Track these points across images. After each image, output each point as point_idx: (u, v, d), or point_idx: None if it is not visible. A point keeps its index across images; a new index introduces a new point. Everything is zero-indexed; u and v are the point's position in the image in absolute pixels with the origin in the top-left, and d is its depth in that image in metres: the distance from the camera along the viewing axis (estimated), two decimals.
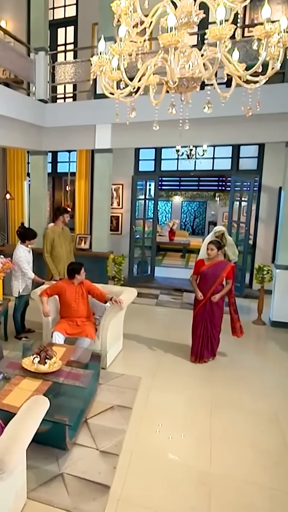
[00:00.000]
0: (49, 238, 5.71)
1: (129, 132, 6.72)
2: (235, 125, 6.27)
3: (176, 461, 3.16)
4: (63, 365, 3.72)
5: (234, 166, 8.17)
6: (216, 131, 6.42)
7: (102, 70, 2.41)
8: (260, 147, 7.87)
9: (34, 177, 7.32)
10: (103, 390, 4.15)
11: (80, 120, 6.73)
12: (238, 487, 2.91)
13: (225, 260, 4.98)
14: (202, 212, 15.24)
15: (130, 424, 3.59)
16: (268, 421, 3.76)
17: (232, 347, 5.42)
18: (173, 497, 2.79)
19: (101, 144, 6.78)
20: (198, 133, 6.47)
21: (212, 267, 4.75)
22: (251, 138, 6.40)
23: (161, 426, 3.61)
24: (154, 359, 4.99)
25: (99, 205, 7.01)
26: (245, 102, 2.86)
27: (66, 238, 5.95)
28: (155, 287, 8.29)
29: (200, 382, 4.47)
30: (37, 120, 6.71)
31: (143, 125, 6.79)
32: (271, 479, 2.99)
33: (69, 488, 2.82)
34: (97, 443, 3.30)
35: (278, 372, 4.80)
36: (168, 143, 6.78)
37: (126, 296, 4.72)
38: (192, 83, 2.24)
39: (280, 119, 6.00)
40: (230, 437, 3.49)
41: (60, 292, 4.73)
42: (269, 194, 7.89)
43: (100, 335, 4.56)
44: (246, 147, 8.10)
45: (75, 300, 4.67)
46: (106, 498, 2.74)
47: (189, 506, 2.72)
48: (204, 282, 4.79)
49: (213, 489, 2.87)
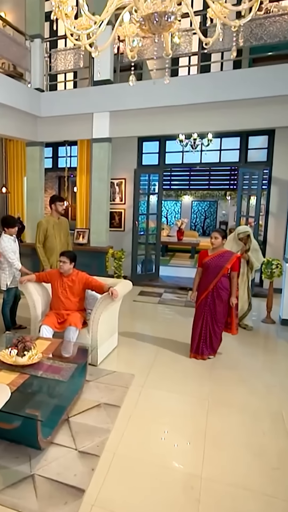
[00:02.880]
0: (42, 227, 5.44)
1: (128, 120, 6.51)
2: (242, 110, 5.99)
3: (163, 464, 2.81)
4: (45, 358, 3.44)
5: (242, 158, 7.82)
6: (221, 117, 6.14)
7: (62, 10, 2.11)
8: (269, 138, 7.51)
9: (30, 169, 7.12)
10: (91, 387, 3.83)
11: (77, 108, 6.52)
12: (230, 493, 2.55)
13: (229, 250, 4.61)
14: (213, 212, 14.83)
15: (116, 424, 3.26)
16: (272, 422, 3.38)
17: (236, 345, 5.06)
18: (155, 503, 2.45)
19: (99, 133, 6.54)
20: (203, 119, 6.20)
21: (215, 258, 4.40)
22: (259, 123, 6.06)
23: (150, 426, 3.27)
24: (150, 357, 4.65)
25: (97, 196, 6.75)
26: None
27: (62, 229, 5.61)
28: (159, 285, 7.96)
29: (198, 380, 4.11)
30: (33, 109, 6.52)
31: (143, 112, 6.61)
32: (269, 485, 2.62)
33: (38, 491, 2.51)
34: (76, 443, 2.98)
35: (285, 371, 4.40)
36: (170, 130, 6.49)
37: (120, 288, 4.41)
38: (166, 20, 1.93)
39: (287, 101, 5.65)
40: (227, 439, 3.13)
41: (51, 280, 4.49)
42: (280, 187, 7.50)
43: (90, 329, 4.26)
44: (254, 138, 7.76)
45: (61, 292, 4.39)
46: (79, 503, 2.42)
47: None
48: (206, 274, 4.44)
49: (202, 495, 2.51)
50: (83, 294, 4.50)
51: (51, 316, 4.34)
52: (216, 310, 4.40)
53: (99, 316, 4.23)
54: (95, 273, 4.79)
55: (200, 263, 4.51)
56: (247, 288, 5.68)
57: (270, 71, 5.69)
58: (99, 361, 4.35)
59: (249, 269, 5.66)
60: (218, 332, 4.49)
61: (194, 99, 6.07)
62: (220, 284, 4.34)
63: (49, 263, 5.41)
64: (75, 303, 4.42)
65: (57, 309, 4.40)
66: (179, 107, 6.19)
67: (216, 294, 4.36)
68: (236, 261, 4.37)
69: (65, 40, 7.59)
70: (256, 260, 5.64)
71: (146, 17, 1.95)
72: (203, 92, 5.99)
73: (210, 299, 4.39)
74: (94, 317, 4.25)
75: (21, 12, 7.28)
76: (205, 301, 4.42)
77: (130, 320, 5.97)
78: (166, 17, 1.92)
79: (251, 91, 5.77)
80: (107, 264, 6.70)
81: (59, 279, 4.43)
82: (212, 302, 4.39)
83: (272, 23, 5.59)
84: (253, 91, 5.77)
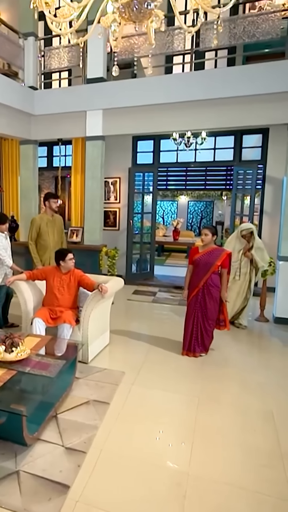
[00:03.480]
0: (35, 224, 5.40)
1: (121, 117, 6.49)
2: (235, 107, 5.97)
3: (150, 461, 2.78)
4: (34, 354, 3.41)
5: (236, 156, 7.81)
6: (215, 114, 6.11)
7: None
8: (264, 136, 7.50)
9: (24, 167, 7.09)
10: (81, 384, 3.81)
11: (70, 106, 6.50)
12: (217, 489, 2.52)
13: (220, 247, 4.58)
14: (209, 212, 14.81)
15: (104, 420, 3.24)
16: (262, 420, 3.36)
17: (229, 343, 5.04)
18: (140, 499, 2.42)
19: (92, 131, 6.51)
20: (196, 116, 6.18)
21: (205, 254, 4.38)
22: (253, 120, 6.02)
23: (138, 423, 3.24)
24: (142, 354, 4.62)
25: (90, 195, 6.72)
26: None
27: (56, 226, 5.56)
28: (154, 284, 7.94)
29: (189, 377, 4.08)
30: (26, 107, 6.50)
31: (136, 110, 6.59)
32: (257, 482, 2.59)
33: (23, 487, 2.48)
34: (63, 440, 2.96)
35: (278, 369, 4.38)
36: (164, 128, 6.46)
37: (111, 285, 4.39)
38: (145, 7, 1.91)
39: (282, 99, 5.64)
40: (216, 436, 3.10)
41: (47, 276, 4.46)
42: (274, 185, 7.48)
43: (81, 326, 4.23)
44: (249, 136, 7.75)
45: (58, 289, 4.37)
46: (63, 499, 2.39)
47: (158, 510, 2.34)
48: (196, 272, 4.42)
49: (188, 492, 2.48)
50: (77, 291, 4.47)
51: (44, 310, 4.31)
52: (206, 307, 4.38)
53: (90, 313, 4.20)
54: (89, 271, 4.77)
55: (191, 260, 4.49)
56: (248, 288, 5.56)
57: (264, 68, 5.68)
58: (90, 359, 4.32)
59: (253, 268, 5.52)
60: (209, 329, 4.47)
61: (188, 97, 6.05)
62: (210, 281, 4.32)
63: (42, 261, 5.37)
64: (70, 300, 4.40)
65: (51, 305, 4.37)
66: (173, 104, 6.17)
67: (206, 291, 4.34)
68: (226, 258, 4.34)
69: (59, 38, 7.58)
70: (261, 260, 5.44)
71: (126, 4, 1.93)
72: (197, 90, 5.97)
73: (201, 296, 4.37)
74: (85, 314, 4.22)
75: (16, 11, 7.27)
76: (196, 299, 4.40)
77: (123, 319, 5.94)
78: (146, 4, 1.91)
79: (244, 88, 5.77)
80: (100, 263, 6.66)
81: (57, 276, 4.40)
82: (203, 300, 4.37)
83: (265, 21, 5.59)
84: (246, 88, 5.76)
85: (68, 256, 4.35)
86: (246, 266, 5.48)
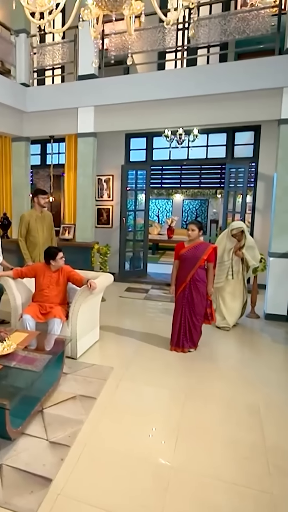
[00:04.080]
0: (24, 221, 5.39)
1: (113, 114, 6.49)
2: (226, 103, 5.99)
3: (134, 455, 2.78)
4: (21, 349, 3.41)
5: (229, 154, 7.82)
6: (207, 110, 6.12)
7: None
8: (256, 133, 7.52)
9: (16, 165, 7.09)
10: (69, 379, 3.81)
11: (61, 103, 6.50)
12: (199, 482, 2.53)
13: (205, 242, 4.60)
14: (204, 211, 14.83)
15: (90, 415, 3.24)
16: (248, 414, 3.36)
17: (218, 339, 5.06)
18: (121, 492, 2.42)
19: (83, 128, 6.51)
20: (188, 112, 6.20)
21: (192, 249, 4.40)
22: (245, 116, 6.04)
23: (124, 418, 3.25)
24: (131, 350, 4.63)
25: (82, 192, 6.72)
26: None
27: (45, 223, 5.55)
28: (147, 282, 7.95)
29: (177, 373, 4.10)
30: (18, 104, 6.49)
31: (128, 107, 6.59)
32: (239, 474, 2.60)
33: (5, 481, 2.48)
34: (48, 434, 2.96)
35: (266, 365, 4.39)
36: (156, 124, 6.47)
37: (100, 281, 4.39)
38: None
39: (272, 95, 5.66)
40: (201, 430, 3.11)
41: (36, 274, 4.45)
42: (266, 183, 7.49)
43: (70, 322, 4.23)
44: (241, 133, 7.76)
45: (48, 286, 4.37)
46: (45, 492, 2.39)
47: (139, 502, 2.35)
48: (183, 266, 4.43)
49: (170, 484, 2.49)
50: (66, 287, 4.47)
51: (33, 306, 4.31)
52: (194, 302, 4.39)
53: (78, 308, 4.20)
54: (81, 268, 4.77)
55: (177, 255, 4.50)
56: (244, 288, 5.50)
57: (255, 64, 5.70)
58: (79, 354, 4.32)
59: (244, 267, 5.47)
60: (198, 325, 4.47)
61: (179, 93, 6.06)
62: (197, 276, 4.33)
63: (32, 257, 5.36)
64: (59, 296, 4.39)
65: (40, 301, 4.36)
66: (165, 101, 6.18)
67: (193, 286, 4.36)
68: (212, 252, 4.36)
69: (52, 35, 7.57)
70: (252, 258, 5.36)
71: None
72: (188, 86, 5.98)
73: (188, 291, 4.38)
74: (74, 309, 4.22)
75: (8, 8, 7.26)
76: (183, 294, 4.41)
77: (114, 316, 5.95)
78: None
79: (236, 84, 5.78)
80: (92, 260, 6.66)
81: (47, 273, 4.39)
82: (190, 295, 4.38)
83: (254, 17, 5.60)
84: (238, 84, 5.78)
85: (59, 255, 4.33)
86: (238, 265, 5.42)
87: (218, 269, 5.16)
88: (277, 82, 5.60)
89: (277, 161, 5.82)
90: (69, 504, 2.33)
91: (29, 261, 5.30)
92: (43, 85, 7.53)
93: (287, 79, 5.52)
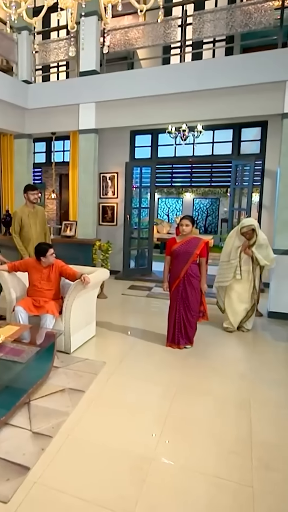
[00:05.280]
0: (16, 217, 5.45)
1: (114, 110, 6.50)
2: (230, 98, 5.93)
3: (116, 447, 2.75)
4: (10, 341, 3.43)
5: (235, 150, 7.72)
6: (211, 105, 6.07)
7: None
8: (262, 129, 7.40)
9: (18, 162, 7.17)
10: (60, 373, 3.80)
11: (63, 100, 6.55)
12: (178, 474, 2.49)
13: (197, 237, 4.53)
14: (214, 210, 14.70)
15: (77, 407, 3.22)
16: (238, 409, 3.30)
17: (217, 336, 4.99)
18: (98, 482, 2.40)
19: (85, 124, 6.54)
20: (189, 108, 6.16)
21: (184, 244, 4.35)
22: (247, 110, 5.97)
23: (111, 411, 3.23)
24: (127, 346, 4.60)
25: (83, 188, 6.75)
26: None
27: (38, 218, 5.56)
28: (151, 280, 7.91)
29: (170, 368, 4.05)
30: (19, 101, 6.57)
31: (130, 103, 6.59)
32: (221, 468, 2.55)
33: None
34: (32, 425, 2.96)
35: (262, 362, 4.30)
36: (158, 120, 6.44)
37: (95, 275, 4.38)
38: None
39: (274, 89, 5.57)
40: (188, 424, 3.06)
41: (28, 269, 4.48)
42: (272, 179, 7.36)
43: (63, 316, 4.23)
44: (247, 129, 7.65)
45: (39, 281, 4.38)
46: (22, 479, 2.39)
47: (116, 493, 2.32)
48: (176, 262, 4.38)
49: (149, 476, 2.46)
50: (59, 282, 4.48)
51: (27, 299, 4.34)
52: (188, 298, 4.33)
53: (72, 303, 4.20)
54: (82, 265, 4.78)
55: (169, 251, 4.45)
56: (253, 288, 5.09)
57: (259, 58, 5.62)
58: (73, 349, 4.31)
59: (256, 267, 5.05)
60: (192, 321, 4.42)
61: (181, 88, 6.02)
62: (191, 271, 4.28)
63: (27, 252, 5.40)
64: (52, 292, 4.40)
65: (34, 296, 4.39)
66: (167, 96, 6.16)
67: (187, 281, 4.30)
68: (204, 247, 4.30)
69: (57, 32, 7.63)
70: (265, 257, 4.95)
71: None
72: (191, 80, 5.95)
73: (182, 287, 4.33)
74: (67, 304, 4.22)
75: None
76: (177, 290, 4.36)
77: (114, 312, 5.93)
78: None
79: (239, 78, 5.72)
80: (94, 257, 6.67)
81: (38, 269, 4.41)
82: (184, 290, 4.33)
83: (257, 10, 5.52)
84: (241, 78, 5.71)
85: (49, 252, 4.32)
86: (248, 264, 5.02)
87: (225, 267, 5.04)
88: (280, 76, 5.51)
89: (281, 156, 5.72)
90: (45, 492, 2.32)
91: (25, 255, 5.33)
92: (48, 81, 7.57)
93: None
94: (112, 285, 7.20)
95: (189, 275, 4.29)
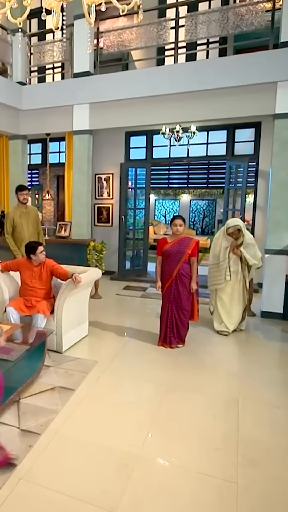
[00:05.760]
0: (8, 218, 5.49)
1: (108, 111, 6.54)
2: (223, 98, 5.97)
3: (103, 444, 2.77)
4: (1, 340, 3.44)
5: (229, 151, 7.76)
6: (202, 106, 6.11)
7: None
8: (256, 130, 7.44)
9: (12, 163, 7.21)
10: (51, 372, 3.83)
11: (57, 101, 6.59)
12: (164, 471, 2.52)
13: (188, 236, 4.54)
14: (211, 211, 14.74)
15: (66, 406, 3.25)
16: (226, 407, 3.33)
17: (208, 336, 4.99)
18: (84, 478, 2.42)
19: (79, 125, 6.58)
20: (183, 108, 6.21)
21: (176, 244, 4.37)
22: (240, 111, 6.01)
23: (99, 409, 3.25)
24: (119, 346, 4.62)
25: (77, 188, 6.78)
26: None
27: (30, 218, 5.58)
28: (146, 280, 7.93)
29: (161, 367, 4.07)
30: (14, 102, 6.61)
31: (124, 104, 6.63)
32: (206, 464, 2.57)
33: None
34: (20, 422, 2.98)
35: (254, 361, 4.31)
36: (152, 121, 6.48)
37: (87, 275, 4.41)
38: None
39: (266, 89, 5.61)
40: (175, 422, 3.09)
41: (19, 268, 4.52)
42: (266, 180, 7.41)
43: (55, 315, 4.26)
44: (241, 130, 7.70)
45: (31, 280, 4.41)
46: (8, 476, 2.41)
47: (101, 489, 2.34)
48: (168, 262, 4.40)
49: (134, 472, 2.48)
50: (51, 281, 4.50)
51: (18, 299, 4.36)
52: (180, 298, 4.36)
53: (63, 302, 4.23)
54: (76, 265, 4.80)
55: (160, 251, 4.46)
56: (244, 289, 5.08)
57: (251, 59, 5.66)
58: (65, 349, 4.34)
59: (244, 267, 5.07)
60: (184, 320, 4.44)
61: (175, 89, 6.06)
62: (183, 271, 4.31)
63: (21, 253, 5.42)
64: (44, 290, 4.43)
65: (25, 295, 4.41)
66: (160, 97, 6.19)
67: (179, 281, 4.33)
68: (195, 247, 4.33)
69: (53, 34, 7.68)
70: (253, 257, 4.95)
71: None
72: (184, 81, 5.98)
73: (174, 286, 4.36)
74: (59, 303, 4.25)
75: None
76: (170, 290, 4.39)
77: (108, 313, 5.95)
78: None
79: (231, 79, 5.76)
80: (88, 257, 6.69)
81: (29, 268, 4.43)
82: (176, 290, 4.35)
83: (248, 12, 5.56)
84: (233, 79, 5.75)
85: (39, 249, 4.34)
86: (237, 264, 5.02)
87: (216, 269, 5.02)
88: (271, 77, 5.55)
89: (272, 156, 5.76)
90: (30, 488, 2.34)
91: (18, 255, 5.36)
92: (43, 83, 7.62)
93: (280, 74, 5.46)
94: (107, 285, 7.23)
95: (181, 274, 4.32)
